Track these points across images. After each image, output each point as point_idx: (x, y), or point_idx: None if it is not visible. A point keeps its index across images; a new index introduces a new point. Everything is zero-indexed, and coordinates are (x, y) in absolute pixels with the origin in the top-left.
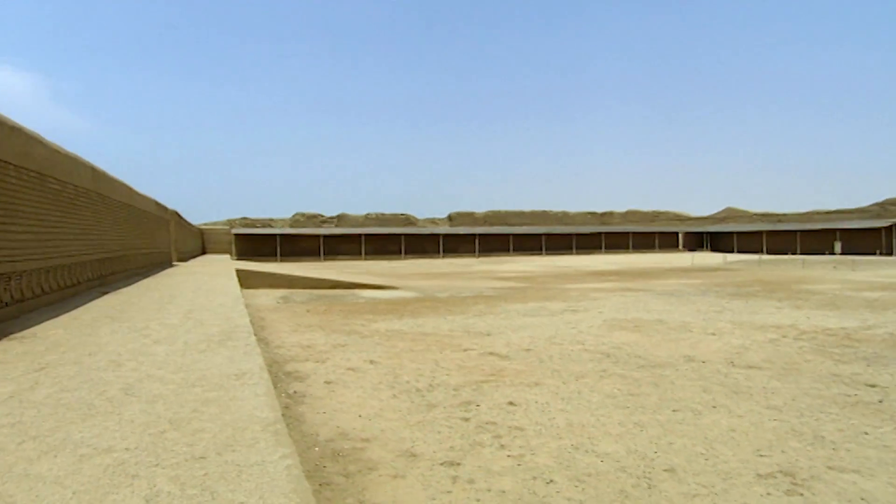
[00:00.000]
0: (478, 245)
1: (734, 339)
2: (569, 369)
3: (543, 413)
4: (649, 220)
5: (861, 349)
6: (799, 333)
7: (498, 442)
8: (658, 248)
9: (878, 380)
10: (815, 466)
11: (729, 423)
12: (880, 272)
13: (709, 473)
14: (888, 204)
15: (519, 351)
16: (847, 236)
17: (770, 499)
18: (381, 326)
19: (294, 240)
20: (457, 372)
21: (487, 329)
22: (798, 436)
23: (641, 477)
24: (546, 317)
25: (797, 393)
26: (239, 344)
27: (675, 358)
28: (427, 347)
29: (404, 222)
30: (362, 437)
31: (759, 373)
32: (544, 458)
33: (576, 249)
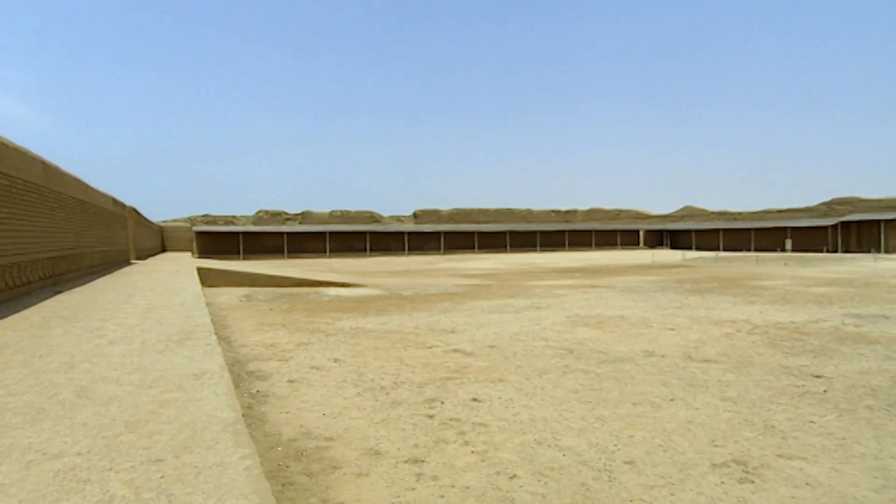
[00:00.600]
0: (443, 242)
1: (692, 333)
2: (532, 365)
3: (507, 409)
4: (611, 218)
5: (809, 342)
6: (752, 328)
7: (462, 438)
8: (620, 245)
9: (823, 371)
10: (766, 455)
11: (686, 416)
12: (827, 268)
13: (667, 464)
14: (834, 204)
15: (483, 348)
16: (797, 234)
17: (723, 487)
18: (346, 324)
19: (257, 237)
20: (421, 369)
21: (452, 326)
22: (750, 426)
23: (602, 470)
24: (510, 314)
25: (750, 385)
26: (199, 343)
27: (635, 353)
28: (392, 345)
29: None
30: (326, 436)
31: (715, 366)
32: (508, 454)
33: (540, 247)
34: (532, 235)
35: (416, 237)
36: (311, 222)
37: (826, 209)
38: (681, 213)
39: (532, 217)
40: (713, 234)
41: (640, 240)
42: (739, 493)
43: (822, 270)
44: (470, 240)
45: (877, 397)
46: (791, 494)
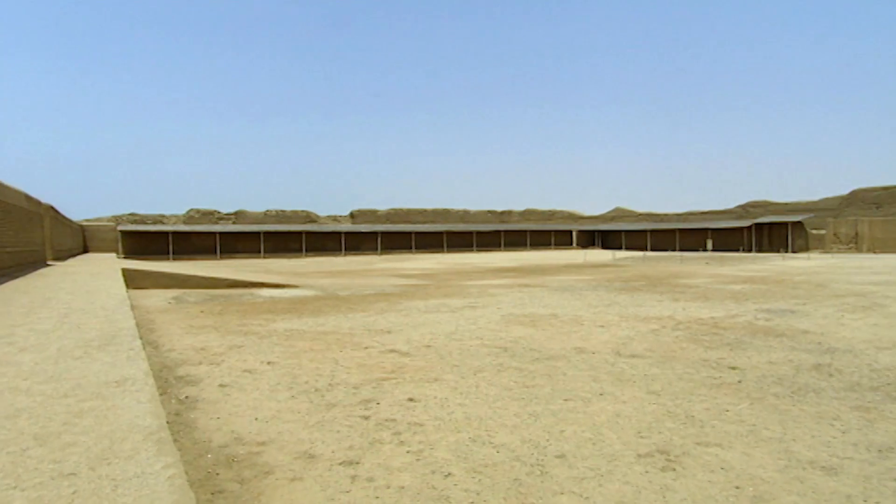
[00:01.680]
0: (380, 243)
1: (621, 330)
2: (467, 364)
3: (443, 408)
4: (546, 218)
5: (726, 336)
6: (676, 324)
7: (398, 438)
8: (554, 245)
9: (738, 362)
10: (686, 443)
11: (614, 409)
12: (743, 266)
13: (596, 457)
14: (749, 206)
15: (419, 347)
16: (717, 235)
17: (647, 476)
18: (280, 326)
19: (188, 237)
20: (357, 370)
21: (389, 326)
22: (673, 417)
23: (535, 465)
24: (446, 313)
25: (673, 378)
26: (121, 348)
27: (567, 350)
28: (327, 346)
29: (305, 220)
30: (258, 441)
31: (642, 361)
32: (443, 452)
33: (476, 247)
34: (469, 236)
35: (353, 237)
36: (245, 222)
37: (742, 212)
38: (611, 215)
39: (469, 217)
40: (641, 234)
41: (574, 240)
42: (662, 480)
43: (738, 269)
44: (407, 240)
45: (783, 385)
46: (707, 479)
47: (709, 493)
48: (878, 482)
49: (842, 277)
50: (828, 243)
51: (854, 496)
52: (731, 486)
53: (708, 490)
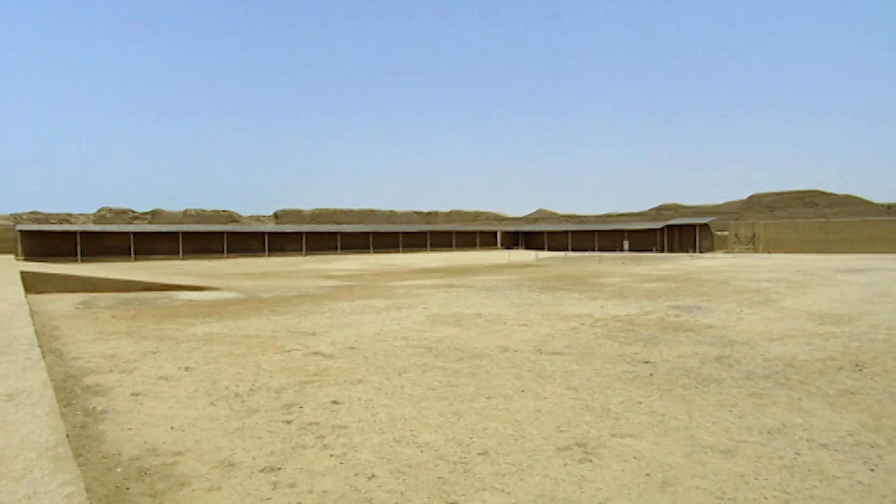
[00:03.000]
0: (305, 243)
1: (542, 328)
2: (392, 365)
3: (367, 409)
4: (471, 219)
5: (640, 332)
6: (594, 321)
7: (321, 442)
8: (479, 246)
9: (650, 357)
10: (602, 435)
11: (536, 405)
12: (657, 266)
13: (517, 452)
14: (662, 209)
15: (344, 349)
16: (633, 236)
17: (566, 468)
18: (199, 330)
19: (98, 238)
20: (280, 374)
21: (312, 329)
22: (590, 411)
23: (458, 462)
24: (372, 314)
25: (591, 373)
26: (17, 358)
27: (490, 348)
28: (249, 350)
29: (227, 220)
30: (174, 451)
31: (562, 358)
32: (367, 454)
33: (402, 247)
34: (395, 236)
35: (276, 238)
36: (162, 222)
37: (655, 214)
38: (535, 216)
39: (395, 218)
40: (563, 235)
41: (498, 241)
42: (580, 472)
43: (652, 268)
44: (333, 240)
45: (689, 377)
46: (621, 468)
47: (622, 481)
48: (767, 461)
49: (741, 275)
50: (730, 244)
51: (747, 475)
52: (642, 474)
53: (621, 479)
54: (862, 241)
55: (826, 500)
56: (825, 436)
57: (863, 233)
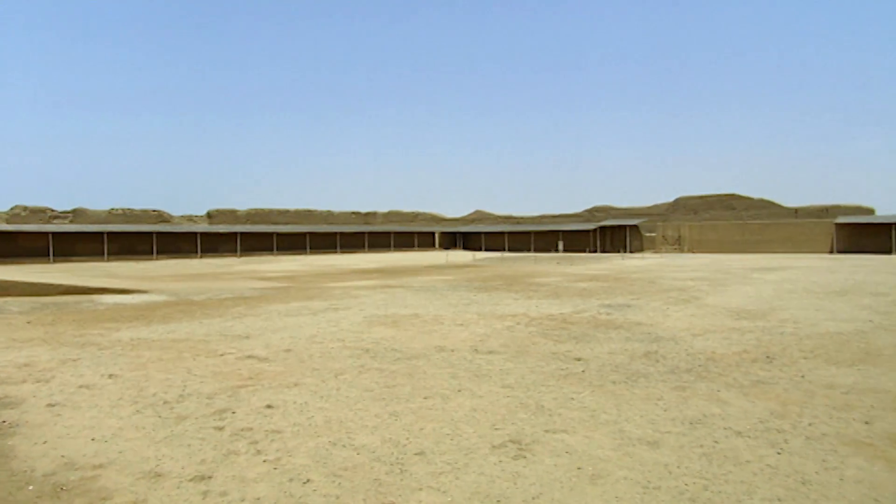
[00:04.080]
0: (239, 244)
1: (479, 328)
2: (328, 367)
3: (302, 413)
4: (409, 220)
5: (573, 330)
6: (529, 320)
7: (254, 448)
8: (417, 246)
9: (582, 354)
10: (536, 432)
11: (472, 404)
12: (589, 266)
13: (453, 451)
14: (594, 211)
15: (279, 352)
16: (567, 236)
17: (501, 465)
18: (125, 335)
19: (13, 238)
20: (211, 379)
21: (246, 331)
22: (525, 408)
23: (395, 463)
24: (308, 316)
25: (526, 371)
26: None
27: (428, 349)
28: (178, 355)
29: (157, 219)
30: (95, 464)
31: (498, 357)
32: (302, 459)
33: (340, 248)
34: (332, 237)
35: (210, 238)
36: (85, 221)
37: (588, 215)
38: (472, 217)
39: (333, 218)
40: (500, 236)
41: (436, 241)
42: (514, 468)
43: (585, 268)
44: (268, 241)
45: (619, 372)
46: (554, 463)
47: (555, 475)
48: (688, 450)
49: (668, 275)
50: (658, 244)
51: (670, 464)
52: (574, 468)
53: (554, 473)
54: (774, 242)
55: (739, 483)
56: (740, 424)
57: (775, 234)
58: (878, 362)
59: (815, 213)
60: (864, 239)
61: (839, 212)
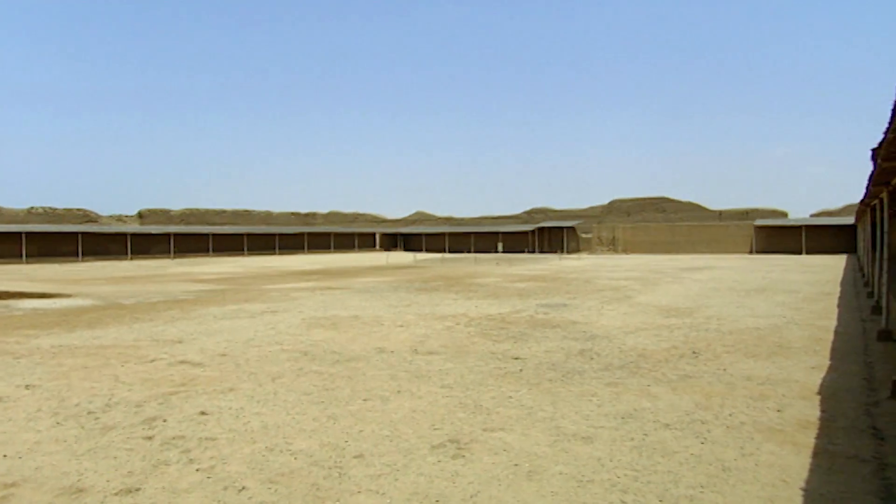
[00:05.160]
0: (173, 245)
1: (419, 329)
2: (266, 371)
3: (238, 419)
4: (350, 221)
5: (511, 329)
6: (469, 320)
7: (186, 457)
8: (358, 248)
9: (520, 353)
10: (475, 430)
11: (411, 405)
12: (528, 266)
13: (393, 453)
14: (533, 212)
15: (214, 356)
16: (507, 238)
17: (440, 465)
18: (45, 342)
19: None
20: (141, 386)
21: (180, 336)
22: (464, 407)
23: (333, 467)
24: (245, 319)
25: (465, 371)
26: None
27: (367, 350)
28: (105, 362)
29: (82, 219)
30: (7, 483)
31: (437, 357)
32: (237, 466)
33: (279, 249)
34: (271, 238)
35: (141, 239)
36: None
37: (527, 217)
38: (413, 218)
39: (271, 219)
40: (441, 237)
41: (377, 242)
42: (453, 467)
43: (524, 268)
44: (204, 242)
45: (555, 370)
46: (492, 461)
47: (493, 473)
48: (620, 443)
49: (603, 274)
50: (594, 245)
51: (603, 458)
52: (511, 465)
53: (492, 471)
54: (701, 243)
55: (666, 473)
56: (668, 417)
57: (701, 236)
58: (789, 355)
59: (737, 216)
60: (778, 240)
61: (757, 215)
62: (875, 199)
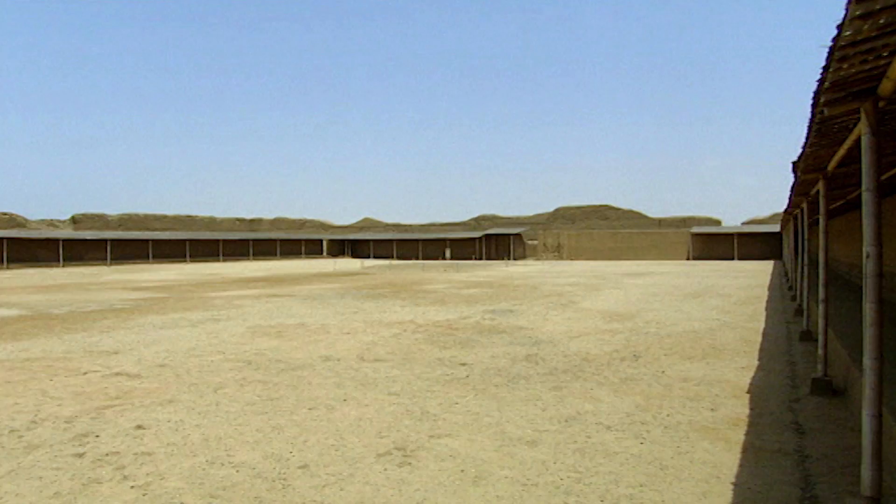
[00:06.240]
0: (110, 252)
1: (366, 336)
2: (207, 381)
3: (177, 432)
4: (297, 227)
5: (458, 336)
6: (416, 327)
7: (121, 473)
8: (305, 254)
9: (467, 359)
10: (421, 438)
11: (357, 413)
12: (475, 273)
13: (338, 462)
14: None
15: (152, 367)
16: (454, 244)
17: (386, 473)
18: None
19: None
20: (71, 400)
21: (116, 347)
22: (410, 414)
23: (276, 479)
24: (186, 328)
25: (412, 378)
26: None
27: (313, 358)
28: (32, 376)
29: (8, 223)
30: None
31: (384, 364)
32: (175, 481)
33: (223, 256)
34: (215, 244)
35: (74, 245)
36: None
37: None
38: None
39: (215, 225)
40: (389, 243)
41: (324, 249)
42: (399, 475)
43: (471, 275)
44: (143, 248)
45: (501, 375)
46: (438, 468)
47: (438, 480)
48: (564, 446)
49: (548, 281)
50: (539, 252)
51: (547, 461)
52: (457, 471)
53: (438, 478)
54: (642, 250)
55: (608, 473)
56: (610, 418)
57: (642, 242)
58: (722, 356)
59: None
60: (713, 247)
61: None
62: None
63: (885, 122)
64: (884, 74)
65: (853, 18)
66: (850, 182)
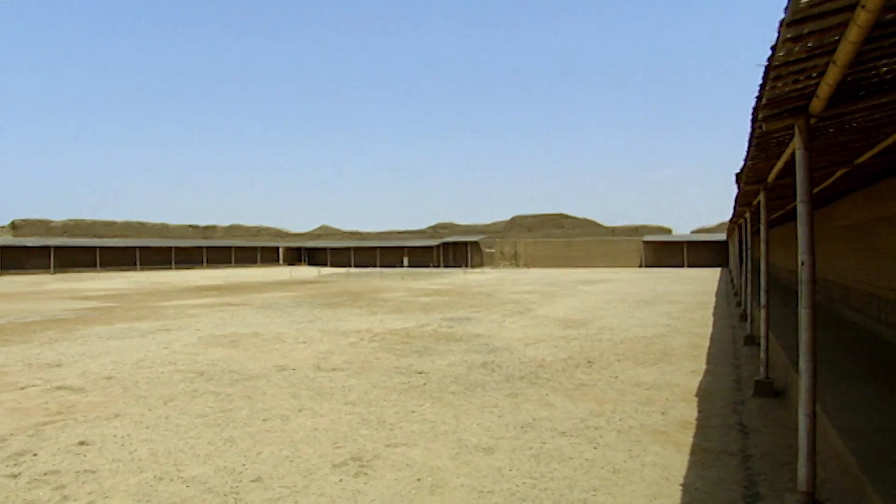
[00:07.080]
0: (53, 259)
1: (322, 345)
2: (157, 393)
3: (123, 447)
4: (252, 235)
5: (415, 344)
6: (373, 336)
7: (60, 493)
8: (260, 262)
9: (424, 367)
10: (378, 447)
11: (313, 424)
12: (432, 281)
13: (293, 474)
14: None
15: (98, 380)
16: (412, 252)
17: (342, 484)
18: None
19: None
20: (7, 417)
21: (58, 359)
22: (367, 424)
23: (229, 493)
24: (135, 338)
25: (368, 387)
26: None
27: (267, 368)
28: None
29: None
30: None
31: (341, 373)
32: (120, 499)
33: (175, 264)
34: (166, 252)
35: (14, 252)
36: None
37: (432, 232)
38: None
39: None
40: (346, 251)
41: (280, 257)
42: (355, 486)
43: (429, 283)
44: (90, 256)
45: (458, 383)
46: (394, 477)
47: (395, 490)
48: (520, 453)
49: (505, 288)
50: (496, 260)
51: (503, 468)
52: (413, 480)
53: (394, 487)
54: (596, 258)
55: (563, 479)
56: (564, 424)
57: (597, 250)
58: (672, 361)
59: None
60: (664, 254)
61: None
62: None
63: (817, 137)
64: (814, 94)
65: (785, 40)
66: (787, 193)
